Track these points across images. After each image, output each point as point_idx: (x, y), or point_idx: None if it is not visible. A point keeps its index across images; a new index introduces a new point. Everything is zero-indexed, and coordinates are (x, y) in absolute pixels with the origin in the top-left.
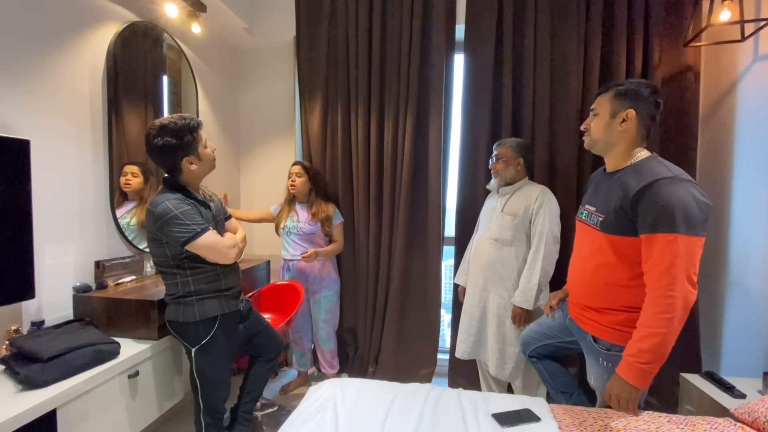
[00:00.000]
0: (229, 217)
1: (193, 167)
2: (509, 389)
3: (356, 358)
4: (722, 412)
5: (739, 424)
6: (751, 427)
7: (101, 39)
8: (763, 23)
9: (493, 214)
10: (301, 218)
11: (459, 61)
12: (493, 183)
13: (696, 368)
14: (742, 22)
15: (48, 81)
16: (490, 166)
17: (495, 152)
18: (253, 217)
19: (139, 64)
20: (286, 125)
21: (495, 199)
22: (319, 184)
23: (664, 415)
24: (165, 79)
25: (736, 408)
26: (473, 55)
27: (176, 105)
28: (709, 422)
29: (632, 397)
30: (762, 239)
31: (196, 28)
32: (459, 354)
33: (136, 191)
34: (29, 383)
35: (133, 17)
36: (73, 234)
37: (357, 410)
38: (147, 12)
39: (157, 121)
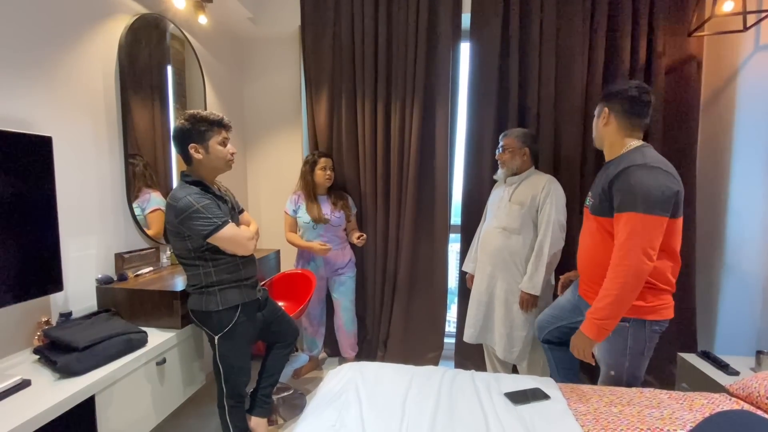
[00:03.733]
0: (242, 210)
1: (198, 156)
2: (514, 370)
3: (365, 343)
4: (717, 388)
5: (734, 398)
6: (745, 401)
7: (113, 32)
8: (764, 14)
9: (500, 203)
10: (324, 209)
11: (465, 50)
12: (500, 173)
13: (692, 348)
14: (744, 13)
15: (64, 77)
16: (496, 157)
17: (501, 143)
18: (299, 241)
19: (149, 56)
20: (293, 115)
21: (502, 189)
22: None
23: (664, 392)
24: (172, 70)
25: (731, 384)
26: (479, 43)
27: (182, 96)
28: (707, 398)
29: (587, 347)
30: (757, 225)
31: (202, 19)
32: (467, 338)
33: None
34: (67, 371)
35: (142, 9)
36: (95, 227)
37: (377, 392)
38: (155, 4)
39: (189, 111)
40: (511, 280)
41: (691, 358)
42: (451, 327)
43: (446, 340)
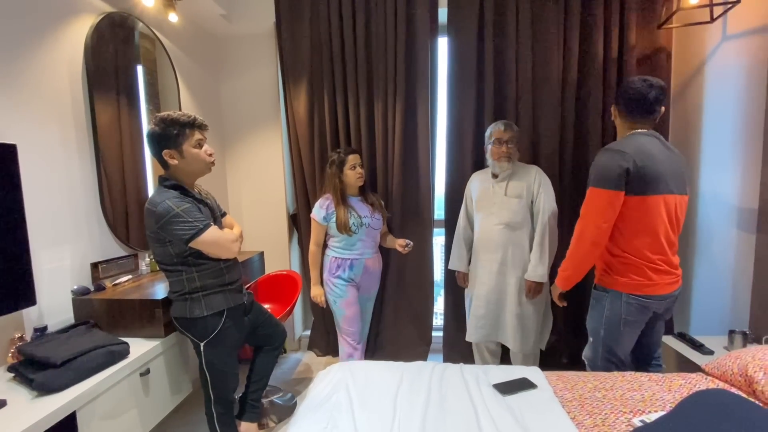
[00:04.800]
0: (224, 213)
1: (174, 162)
2: (502, 360)
3: None
4: (693, 368)
5: (710, 377)
6: (720, 379)
7: (78, 32)
8: (730, 5)
9: (495, 198)
10: (361, 212)
11: (444, 44)
12: (504, 167)
13: (669, 330)
14: (711, 5)
15: (27, 80)
16: (502, 150)
17: (507, 136)
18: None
19: (117, 57)
20: (271, 114)
21: (490, 184)
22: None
23: (644, 374)
24: (143, 70)
25: (707, 364)
26: (456, 38)
27: (154, 96)
28: (684, 378)
29: (556, 292)
30: (726, 209)
31: (173, 17)
32: (476, 338)
33: None
34: (45, 389)
35: (108, 8)
36: (68, 236)
37: (368, 390)
38: (121, 2)
39: (163, 112)
40: (521, 275)
41: (668, 340)
42: (438, 320)
43: (434, 333)
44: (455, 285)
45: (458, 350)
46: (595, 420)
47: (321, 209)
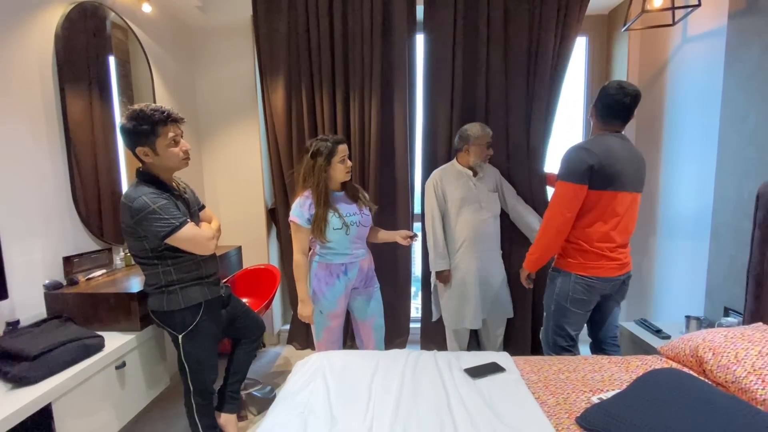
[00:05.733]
0: (203, 207)
1: (148, 159)
2: (470, 345)
3: None
4: (652, 350)
5: (664, 358)
6: (674, 360)
7: (47, 22)
8: (690, 8)
9: (480, 194)
10: (348, 210)
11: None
12: (485, 166)
13: (632, 316)
14: (673, 8)
15: None
16: (488, 153)
17: (490, 139)
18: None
19: (89, 47)
20: (248, 107)
21: (469, 181)
22: None
23: (605, 357)
24: (116, 62)
25: (662, 346)
26: (432, 35)
27: (128, 88)
28: (641, 359)
29: (524, 275)
30: (685, 200)
31: (146, 8)
32: (476, 325)
33: None
34: (19, 381)
35: None
36: (38, 230)
37: (345, 377)
38: None
39: (136, 105)
40: (499, 258)
41: (630, 326)
42: (416, 313)
43: (412, 324)
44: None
45: (433, 339)
46: (558, 399)
47: (302, 210)
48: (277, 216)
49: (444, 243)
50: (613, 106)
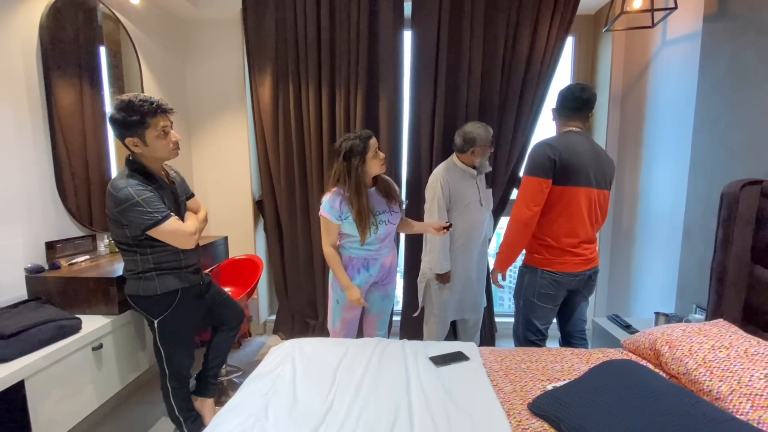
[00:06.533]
0: (192, 195)
1: (137, 149)
2: (449, 335)
3: (317, 328)
4: (619, 345)
5: (626, 351)
6: (634, 353)
7: (31, 11)
8: (669, 11)
9: (481, 192)
10: (378, 208)
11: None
12: (487, 165)
13: (609, 312)
14: (652, 10)
15: None
16: (490, 152)
17: (492, 139)
18: (341, 272)
19: (74, 37)
20: (237, 99)
21: (472, 180)
22: None
23: (568, 349)
24: (104, 52)
25: (625, 340)
26: (419, 31)
27: (117, 79)
28: (603, 352)
29: (494, 274)
30: (662, 200)
31: None
32: (476, 315)
33: None
34: None
35: None
36: (20, 216)
37: (313, 362)
38: None
39: (125, 95)
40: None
41: (602, 321)
42: (397, 306)
43: (393, 318)
44: (414, 270)
45: (412, 333)
46: (515, 387)
47: (332, 209)
48: (264, 208)
49: (447, 242)
50: (571, 98)
